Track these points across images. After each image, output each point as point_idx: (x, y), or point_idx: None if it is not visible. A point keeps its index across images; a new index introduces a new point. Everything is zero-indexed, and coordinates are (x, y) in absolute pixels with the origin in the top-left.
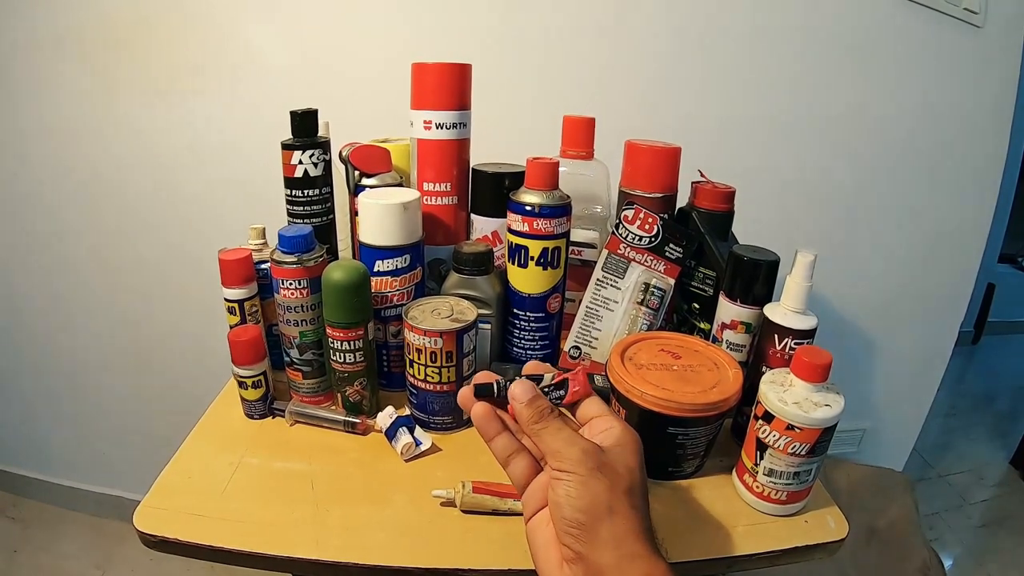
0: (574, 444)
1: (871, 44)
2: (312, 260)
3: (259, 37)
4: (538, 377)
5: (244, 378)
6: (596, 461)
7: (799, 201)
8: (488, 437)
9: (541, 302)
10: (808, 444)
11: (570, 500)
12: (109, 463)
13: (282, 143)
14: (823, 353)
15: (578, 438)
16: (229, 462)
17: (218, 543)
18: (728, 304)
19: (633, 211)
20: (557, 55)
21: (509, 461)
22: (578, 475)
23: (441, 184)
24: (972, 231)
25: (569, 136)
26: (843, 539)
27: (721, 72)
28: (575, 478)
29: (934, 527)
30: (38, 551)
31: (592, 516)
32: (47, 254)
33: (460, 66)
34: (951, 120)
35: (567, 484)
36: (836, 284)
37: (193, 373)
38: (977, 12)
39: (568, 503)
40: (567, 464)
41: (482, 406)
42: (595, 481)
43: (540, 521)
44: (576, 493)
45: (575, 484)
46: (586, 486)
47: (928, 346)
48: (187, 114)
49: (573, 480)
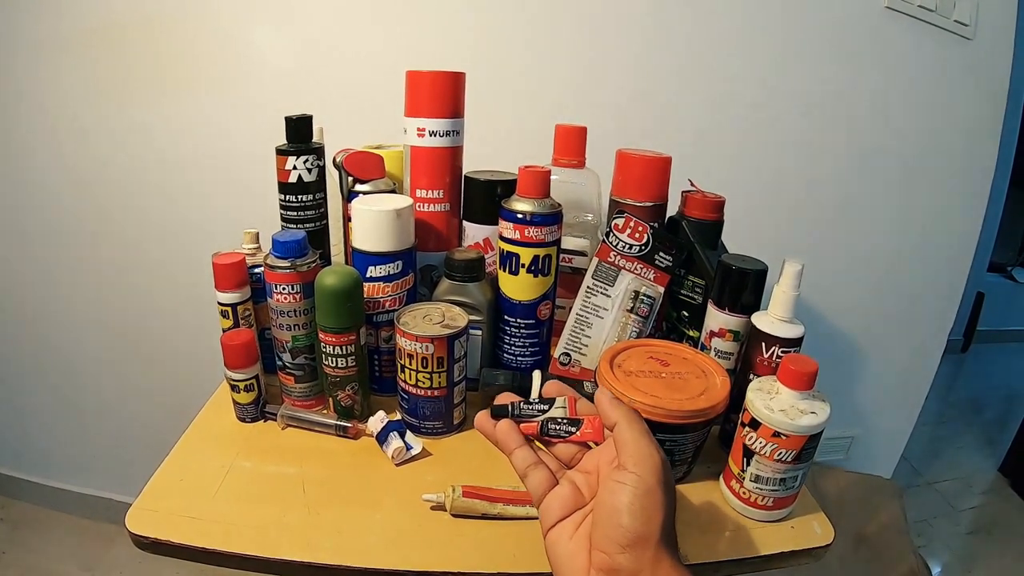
0: (658, 449)
1: (862, 55)
2: (305, 265)
3: (254, 43)
4: (549, 401)
5: (236, 382)
6: (667, 474)
7: (788, 211)
8: (509, 450)
9: (532, 309)
10: (794, 451)
11: (633, 508)
12: (99, 465)
13: (277, 148)
14: (809, 361)
15: (657, 443)
16: (221, 465)
17: (210, 545)
18: (716, 312)
19: (624, 220)
20: (550, 64)
21: (528, 472)
22: (647, 484)
23: (434, 191)
24: (962, 240)
25: (561, 145)
26: (829, 545)
27: (712, 83)
28: (644, 485)
29: (922, 534)
30: (26, 553)
31: (649, 527)
32: (39, 255)
33: (454, 74)
34: (941, 130)
35: (633, 491)
36: (825, 292)
37: (185, 376)
38: (967, 24)
39: (630, 511)
40: (644, 468)
41: (507, 420)
42: (661, 494)
43: (562, 533)
44: (641, 503)
45: (643, 493)
46: (651, 497)
47: (917, 354)
48: (183, 118)
49: (642, 488)
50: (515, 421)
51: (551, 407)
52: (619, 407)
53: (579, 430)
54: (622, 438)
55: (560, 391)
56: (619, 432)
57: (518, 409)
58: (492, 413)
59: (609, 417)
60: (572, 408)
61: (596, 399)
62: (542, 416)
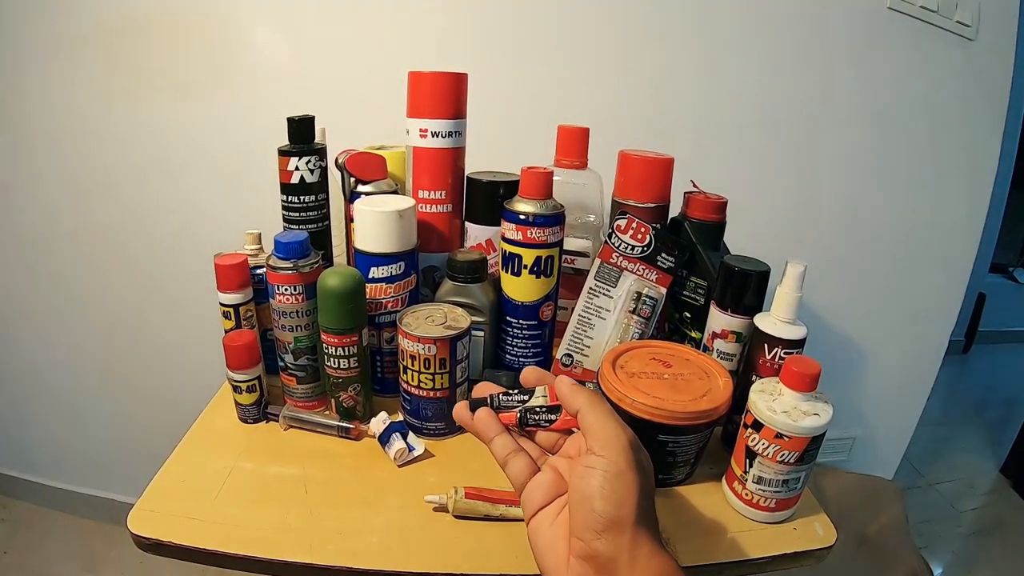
0: (624, 430)
1: (864, 56)
2: (307, 266)
3: (257, 44)
4: (529, 391)
5: (238, 382)
6: (637, 455)
7: (790, 211)
8: (488, 438)
9: (534, 310)
10: (797, 452)
11: (604, 492)
12: (100, 465)
13: (279, 149)
14: (812, 363)
15: (626, 426)
16: (223, 466)
17: (212, 546)
18: (719, 314)
19: (626, 221)
20: (552, 65)
21: (507, 461)
22: (617, 466)
23: (436, 192)
24: (963, 241)
25: (563, 146)
26: (831, 546)
27: (714, 83)
28: (614, 468)
29: (924, 535)
30: (27, 553)
31: (624, 511)
32: (40, 255)
33: (456, 75)
34: (943, 131)
35: (603, 475)
36: (827, 293)
37: (187, 377)
38: (969, 25)
39: (601, 495)
40: (611, 451)
41: (484, 409)
42: (632, 475)
43: (543, 521)
44: (611, 487)
45: (612, 476)
46: (622, 479)
47: (919, 355)
48: (185, 119)
49: (612, 470)
50: (495, 411)
51: (531, 397)
52: (579, 392)
53: (559, 417)
54: (586, 422)
55: (540, 379)
56: (583, 417)
57: (497, 400)
58: (471, 405)
59: (571, 404)
60: (553, 396)
61: (556, 387)
62: (521, 406)
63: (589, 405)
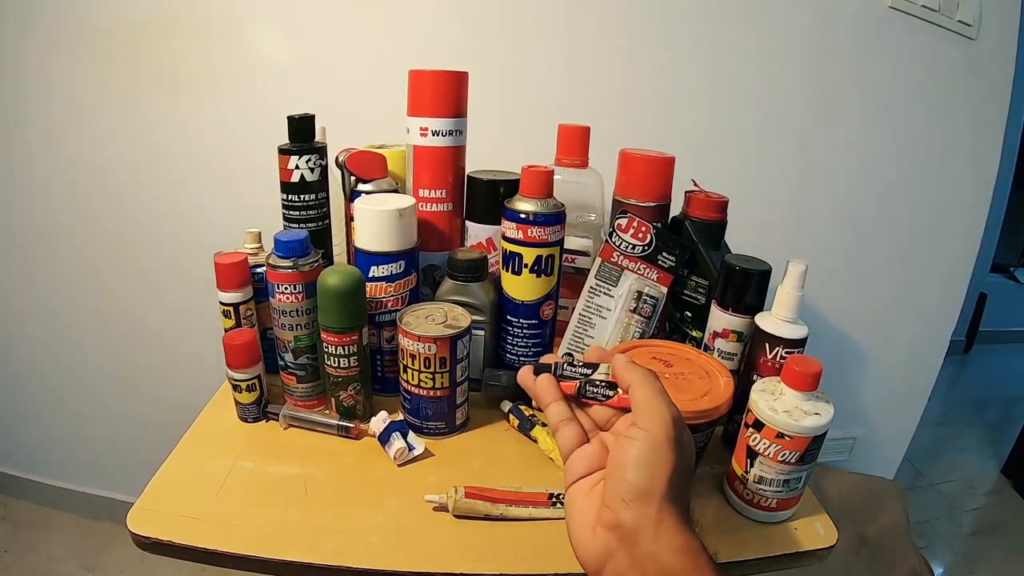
0: (669, 405)
1: (865, 55)
2: (307, 265)
3: (257, 42)
4: (594, 366)
5: (238, 382)
6: (679, 431)
7: (791, 211)
8: (545, 404)
9: (534, 309)
10: (798, 452)
11: (638, 462)
12: (100, 464)
13: (279, 148)
14: (813, 362)
15: (671, 401)
16: (223, 465)
17: (211, 546)
18: (720, 313)
19: (627, 220)
20: (553, 64)
21: (560, 427)
22: (655, 438)
23: (436, 191)
24: (964, 240)
25: (564, 144)
26: (832, 546)
27: (715, 82)
28: (650, 440)
29: (924, 535)
30: (28, 552)
31: (656, 483)
32: (40, 254)
33: (456, 74)
34: (944, 130)
35: (640, 446)
36: (828, 293)
37: (187, 376)
38: (971, 24)
39: (635, 464)
40: (653, 423)
41: (547, 375)
42: (669, 451)
43: (580, 489)
44: (646, 458)
45: (650, 448)
46: (659, 452)
47: (919, 355)
48: (185, 118)
49: (650, 442)
50: (556, 379)
51: (594, 371)
52: (634, 369)
53: (616, 394)
54: (636, 397)
55: (602, 357)
56: (633, 392)
57: (561, 369)
58: (535, 370)
59: (624, 379)
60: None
61: (612, 363)
62: (583, 378)
63: (641, 380)
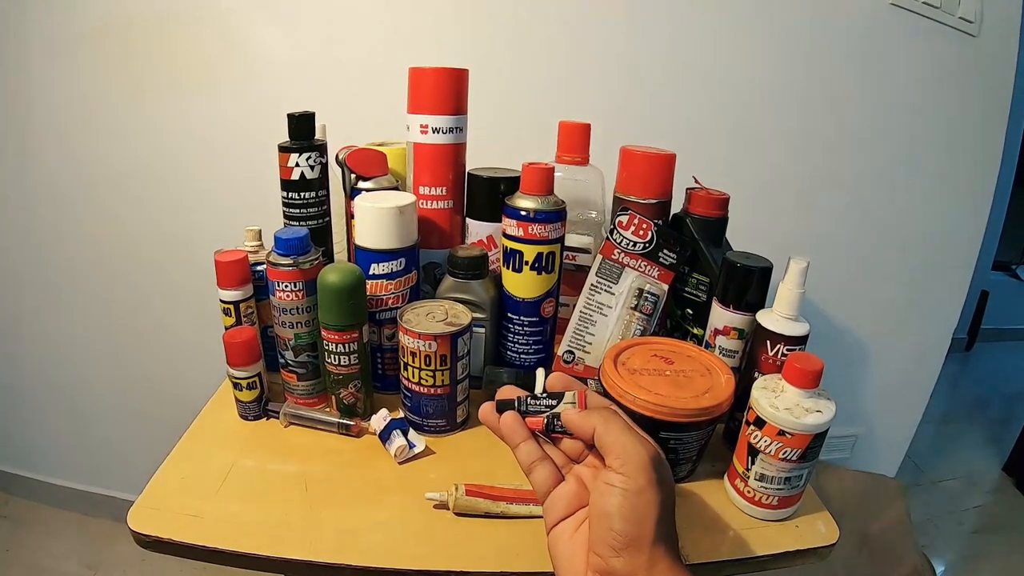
0: (643, 445)
1: (866, 52)
2: (308, 263)
3: (258, 40)
4: (558, 395)
5: (239, 379)
6: (658, 471)
7: (793, 208)
8: (514, 444)
9: (535, 306)
10: (799, 450)
11: (623, 511)
12: (102, 463)
13: (279, 146)
14: (814, 359)
15: (647, 440)
16: (223, 463)
17: (212, 544)
18: (721, 310)
19: (628, 217)
20: (554, 61)
21: (532, 468)
22: (637, 483)
23: (437, 188)
24: (966, 238)
25: (565, 141)
26: (834, 544)
27: (716, 79)
28: (633, 486)
29: (926, 533)
30: (29, 550)
31: (643, 529)
32: (41, 254)
33: (457, 71)
34: (945, 127)
35: (623, 493)
36: (830, 290)
37: (188, 374)
38: (972, 21)
39: (620, 514)
40: (630, 468)
41: (512, 414)
42: (652, 494)
43: (564, 531)
44: (631, 505)
45: (633, 494)
46: (642, 497)
47: (921, 352)
48: (185, 116)
49: (632, 488)
50: (521, 415)
51: (559, 402)
52: (588, 415)
53: None
54: (604, 442)
55: (567, 385)
56: (599, 438)
57: (524, 404)
58: (497, 407)
59: (584, 428)
60: (582, 402)
61: (563, 419)
62: (549, 412)
63: (604, 423)
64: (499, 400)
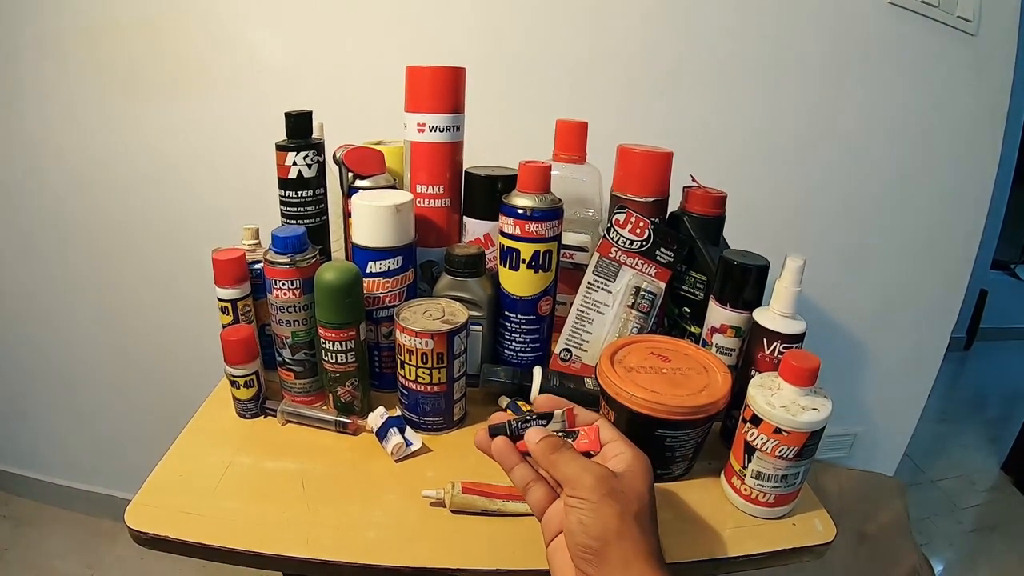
0: (587, 471)
1: (865, 52)
2: (305, 261)
3: (255, 39)
4: (548, 415)
5: (236, 377)
6: (608, 487)
7: (790, 206)
8: (508, 467)
9: (532, 305)
10: (795, 447)
11: (582, 527)
12: (101, 462)
13: (276, 144)
14: (811, 357)
15: (591, 465)
16: (220, 461)
17: (209, 541)
18: (718, 308)
19: (625, 215)
20: (551, 59)
21: (527, 489)
22: (590, 502)
23: (434, 187)
24: (965, 237)
25: (562, 140)
26: (831, 542)
27: (714, 78)
28: (587, 504)
29: (925, 532)
30: (28, 550)
31: (603, 541)
32: (40, 252)
33: (454, 70)
34: (944, 126)
35: (580, 511)
36: (827, 289)
37: (185, 372)
38: (971, 20)
39: (580, 530)
40: (581, 491)
41: (502, 439)
42: (607, 507)
43: (558, 546)
44: (588, 520)
45: (587, 511)
46: (597, 513)
47: (920, 351)
48: (182, 115)
49: (586, 507)
50: (513, 438)
51: (549, 422)
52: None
53: (575, 441)
54: (557, 477)
55: (555, 404)
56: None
57: (516, 427)
58: (490, 432)
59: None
60: (571, 420)
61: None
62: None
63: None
64: (491, 425)
